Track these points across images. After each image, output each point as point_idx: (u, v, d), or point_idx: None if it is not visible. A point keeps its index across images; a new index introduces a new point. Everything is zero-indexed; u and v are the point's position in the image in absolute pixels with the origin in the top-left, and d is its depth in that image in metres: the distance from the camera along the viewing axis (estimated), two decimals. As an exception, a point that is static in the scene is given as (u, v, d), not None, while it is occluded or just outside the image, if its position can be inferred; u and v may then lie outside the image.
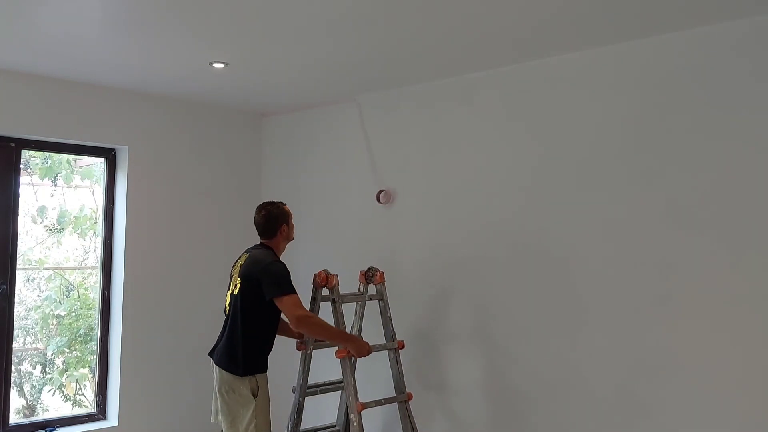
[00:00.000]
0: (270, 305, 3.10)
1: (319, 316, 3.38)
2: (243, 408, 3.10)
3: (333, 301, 3.35)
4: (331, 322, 3.37)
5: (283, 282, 3.08)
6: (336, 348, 3.29)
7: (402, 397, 3.41)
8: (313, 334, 3.30)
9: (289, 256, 4.28)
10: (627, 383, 2.95)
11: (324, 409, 3.94)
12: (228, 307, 3.26)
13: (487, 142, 3.51)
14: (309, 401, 3.50)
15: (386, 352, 3.47)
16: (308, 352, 3.41)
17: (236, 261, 3.36)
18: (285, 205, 3.39)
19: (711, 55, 2.76)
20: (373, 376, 3.78)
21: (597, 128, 3.09)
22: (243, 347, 3.13)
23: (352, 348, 3.25)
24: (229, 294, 3.27)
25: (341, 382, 3.64)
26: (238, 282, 3.20)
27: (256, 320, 3.15)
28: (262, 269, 3.11)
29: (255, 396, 3.11)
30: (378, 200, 3.96)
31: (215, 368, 3.23)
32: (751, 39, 2.66)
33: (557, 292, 3.20)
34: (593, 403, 3.06)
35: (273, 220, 3.31)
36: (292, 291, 3.06)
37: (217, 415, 3.25)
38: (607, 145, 3.06)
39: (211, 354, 3.30)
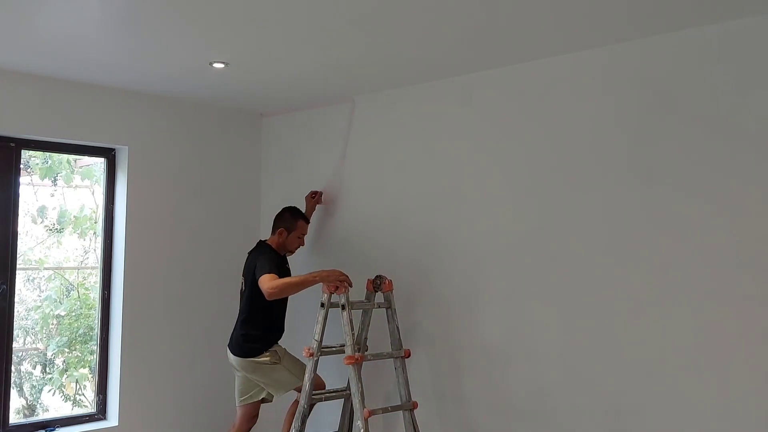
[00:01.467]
0: (260, 302, 3.56)
1: (326, 321, 3.45)
2: (274, 373, 3.64)
3: (343, 307, 3.34)
4: (340, 328, 3.40)
5: (260, 267, 3.51)
6: (344, 354, 3.30)
7: (408, 405, 3.41)
8: (287, 294, 3.51)
9: (291, 256, 4.28)
10: (624, 384, 2.95)
11: (324, 416, 3.94)
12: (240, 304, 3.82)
13: (483, 143, 3.50)
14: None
15: (392, 360, 3.47)
16: (315, 359, 3.41)
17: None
18: (302, 219, 3.84)
19: (711, 55, 2.76)
20: (377, 384, 3.79)
21: (594, 129, 3.09)
22: (250, 337, 3.67)
23: (327, 281, 3.41)
24: (240, 292, 3.84)
25: (345, 390, 3.64)
26: (242, 280, 3.80)
27: (259, 312, 3.66)
28: (253, 266, 3.59)
29: (279, 362, 3.64)
30: (320, 202, 4.20)
31: (231, 357, 3.74)
32: (751, 39, 2.66)
33: (554, 293, 3.20)
34: (591, 406, 3.06)
35: (277, 221, 3.85)
36: (265, 272, 3.45)
37: (241, 395, 3.78)
38: (604, 145, 3.05)
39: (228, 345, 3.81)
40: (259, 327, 3.68)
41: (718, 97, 2.73)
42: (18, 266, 3.87)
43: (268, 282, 3.41)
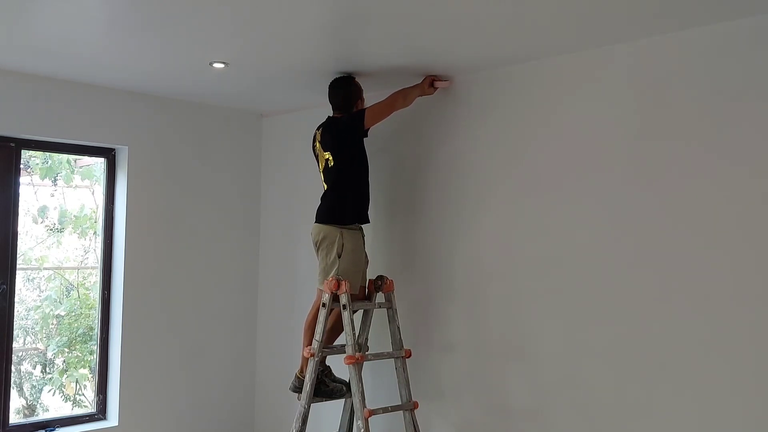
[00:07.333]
0: (352, 167, 3.51)
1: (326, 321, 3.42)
2: (330, 252, 3.44)
3: (344, 307, 3.33)
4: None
5: (356, 114, 3.48)
6: (345, 354, 3.30)
7: (408, 406, 3.41)
8: (384, 115, 3.49)
9: (291, 256, 4.26)
10: (624, 384, 2.95)
11: (324, 416, 3.94)
12: (323, 182, 3.61)
13: (484, 142, 3.51)
14: (311, 408, 3.49)
15: (392, 360, 3.47)
16: (316, 359, 3.40)
17: (313, 142, 3.70)
18: (354, 79, 3.63)
19: (711, 55, 2.76)
20: (377, 384, 3.79)
21: (595, 127, 3.09)
22: (331, 201, 3.52)
23: (419, 91, 3.51)
24: (321, 173, 3.62)
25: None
26: (326, 155, 3.55)
27: (346, 178, 3.52)
28: (338, 128, 3.52)
29: (335, 243, 3.42)
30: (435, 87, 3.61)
31: (314, 227, 3.55)
32: (751, 39, 2.66)
33: (555, 293, 3.20)
34: (591, 406, 3.06)
35: (345, 94, 3.60)
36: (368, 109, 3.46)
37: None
38: (605, 144, 3.05)
39: None
40: (346, 196, 3.52)
41: (719, 97, 2.73)
42: (18, 266, 3.87)
43: (369, 109, 3.44)
